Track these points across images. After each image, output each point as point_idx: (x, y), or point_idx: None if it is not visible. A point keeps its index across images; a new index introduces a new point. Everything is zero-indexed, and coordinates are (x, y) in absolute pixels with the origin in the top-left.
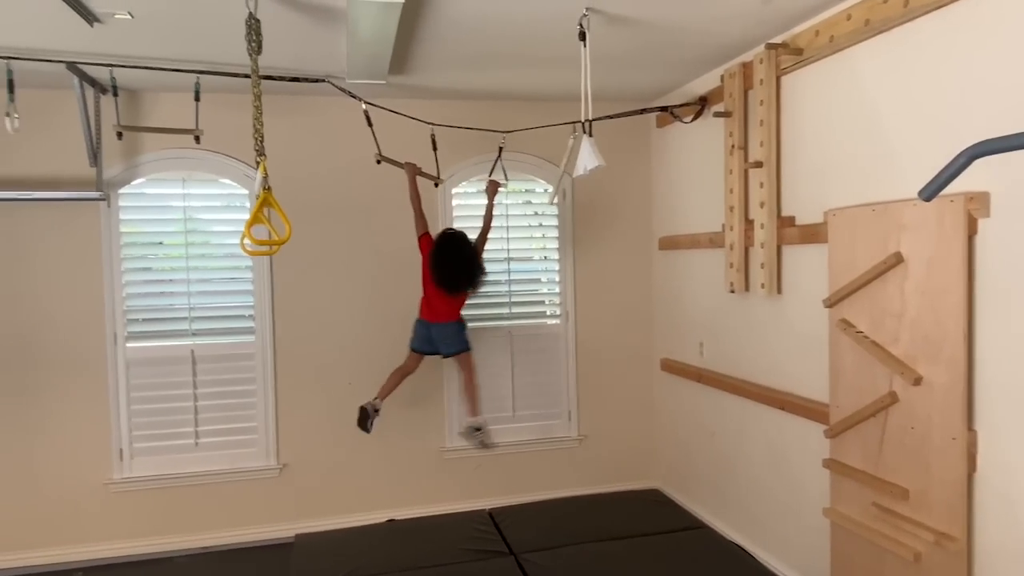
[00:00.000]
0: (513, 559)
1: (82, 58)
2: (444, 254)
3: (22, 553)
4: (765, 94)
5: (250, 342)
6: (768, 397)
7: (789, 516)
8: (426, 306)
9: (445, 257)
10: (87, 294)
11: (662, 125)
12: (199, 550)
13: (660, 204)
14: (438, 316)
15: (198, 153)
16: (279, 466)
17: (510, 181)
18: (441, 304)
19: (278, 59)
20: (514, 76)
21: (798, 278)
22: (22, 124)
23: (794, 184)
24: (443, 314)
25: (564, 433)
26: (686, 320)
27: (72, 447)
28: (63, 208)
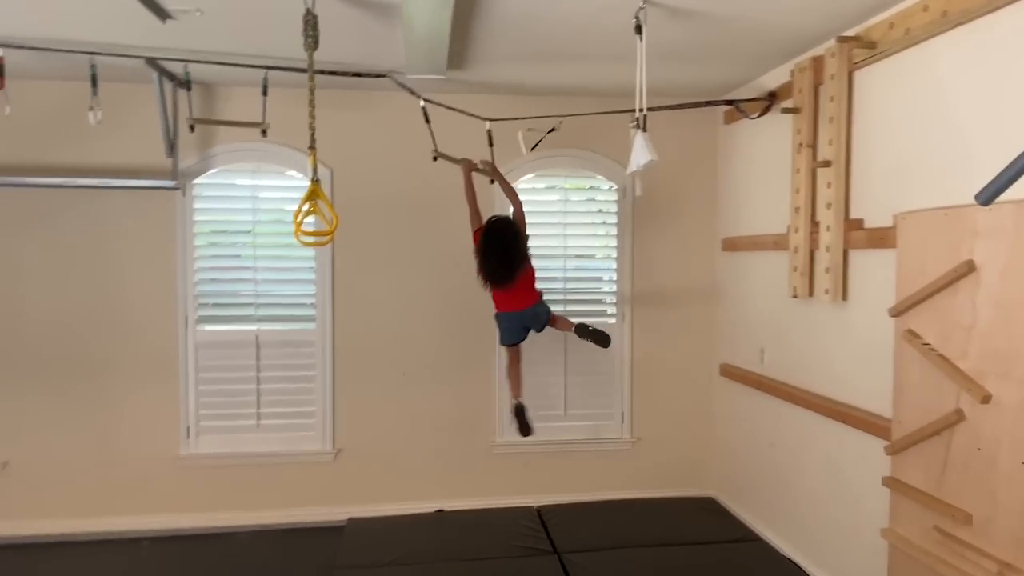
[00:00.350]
0: (556, 558)
1: (159, 54)
2: (484, 246)
3: (97, 519)
4: (836, 90)
5: (311, 330)
6: (828, 408)
7: (846, 534)
8: (500, 299)
9: (485, 250)
10: (162, 278)
11: (730, 121)
12: (258, 527)
13: (725, 204)
14: (520, 303)
15: (266, 145)
16: (334, 451)
17: (568, 178)
18: (511, 292)
19: (343, 54)
20: (573, 71)
21: (864, 284)
22: (104, 116)
23: (864, 185)
24: (521, 299)
25: (616, 434)
26: (747, 325)
27: (145, 423)
28: (141, 196)
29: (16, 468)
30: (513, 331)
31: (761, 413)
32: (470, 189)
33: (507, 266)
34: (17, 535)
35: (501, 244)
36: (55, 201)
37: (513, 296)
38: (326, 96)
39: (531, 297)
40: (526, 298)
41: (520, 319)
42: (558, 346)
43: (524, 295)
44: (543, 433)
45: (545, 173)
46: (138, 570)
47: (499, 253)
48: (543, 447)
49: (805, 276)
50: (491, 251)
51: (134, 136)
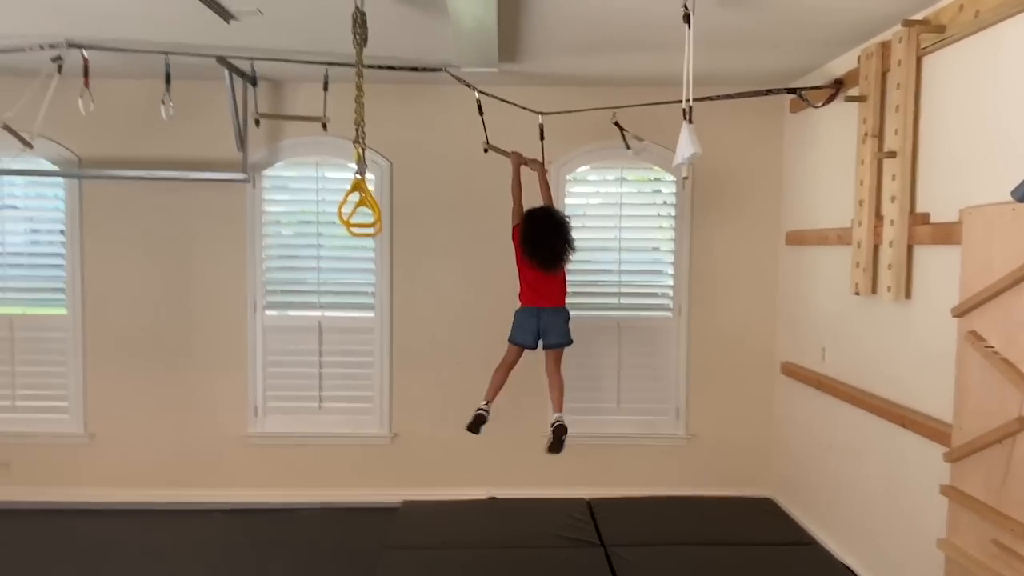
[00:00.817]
0: (602, 551)
1: (227, 52)
2: (535, 227)
3: (173, 490)
4: (903, 76)
5: (370, 317)
6: (888, 411)
7: (903, 542)
8: (530, 291)
9: (537, 230)
10: (233, 266)
11: (796, 110)
12: (317, 504)
13: (790, 196)
14: (547, 299)
15: (328, 139)
16: (391, 434)
17: (626, 169)
18: (546, 285)
19: (400, 49)
20: (626, 61)
21: (928, 282)
22: (179, 112)
23: (931, 177)
24: (551, 296)
25: (671, 430)
26: (809, 322)
27: (217, 402)
28: (214, 188)
29: (103, 440)
30: (526, 331)
31: (821, 413)
32: (517, 182)
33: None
34: (103, 501)
35: (552, 224)
36: (137, 193)
37: (547, 288)
38: (385, 90)
39: (560, 298)
40: (555, 295)
41: (539, 318)
42: (611, 338)
43: (556, 292)
44: (595, 426)
45: (600, 165)
46: (210, 539)
47: (551, 235)
48: (595, 440)
49: (868, 272)
50: (544, 231)
51: (207, 131)
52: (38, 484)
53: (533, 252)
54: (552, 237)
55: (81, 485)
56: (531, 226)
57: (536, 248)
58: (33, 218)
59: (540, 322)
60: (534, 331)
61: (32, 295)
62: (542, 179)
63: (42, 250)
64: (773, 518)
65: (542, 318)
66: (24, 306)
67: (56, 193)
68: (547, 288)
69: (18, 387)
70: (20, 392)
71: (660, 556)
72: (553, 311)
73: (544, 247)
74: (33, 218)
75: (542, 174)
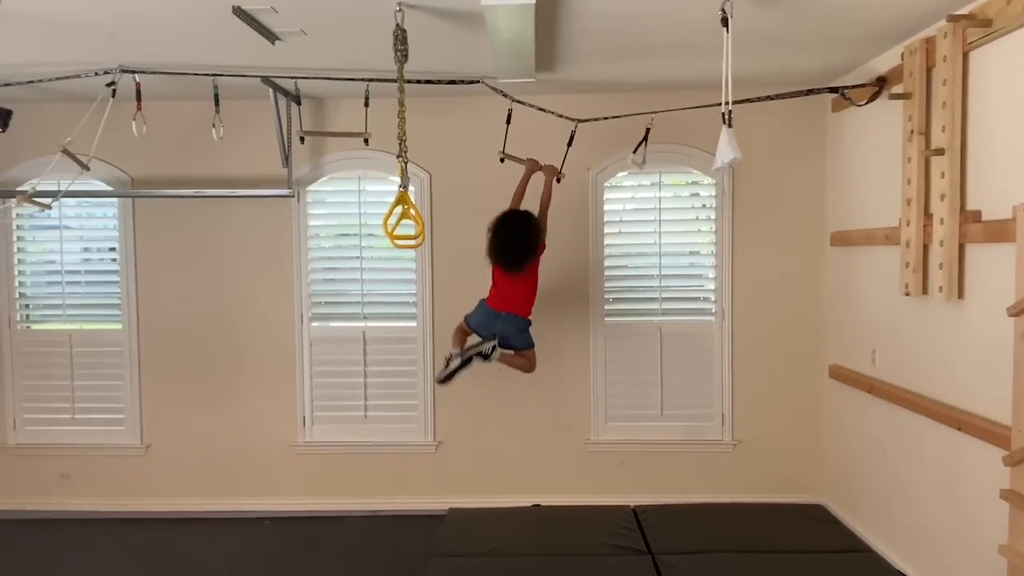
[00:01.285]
0: (651, 559)
1: (271, 72)
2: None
3: (225, 500)
4: (949, 72)
5: (412, 327)
6: (943, 415)
7: (961, 549)
8: (496, 293)
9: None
10: (280, 279)
11: (838, 109)
12: (364, 512)
13: (834, 196)
14: (509, 304)
15: (371, 153)
16: (435, 443)
17: (664, 172)
18: (511, 290)
19: (438, 63)
20: (663, 66)
21: (981, 281)
22: (226, 131)
23: (981, 174)
24: (513, 302)
25: (716, 436)
26: (858, 324)
27: (267, 412)
28: (261, 204)
29: (157, 451)
30: (484, 324)
31: (873, 418)
32: (522, 188)
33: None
34: (158, 511)
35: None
36: (188, 210)
37: (512, 293)
38: (424, 104)
39: (521, 306)
40: (516, 302)
41: (495, 321)
42: (653, 344)
43: (519, 299)
44: (639, 433)
45: (637, 171)
46: (260, 547)
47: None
48: (639, 447)
49: (918, 272)
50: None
51: (254, 149)
52: (97, 495)
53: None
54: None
55: (137, 495)
56: (497, 224)
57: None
58: (86, 237)
59: (496, 324)
60: (489, 329)
61: (89, 311)
62: (547, 184)
63: (97, 267)
64: (825, 525)
65: (497, 322)
66: (81, 322)
67: (107, 212)
68: (512, 293)
69: (77, 400)
70: (79, 405)
71: (709, 564)
72: (508, 319)
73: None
74: (86, 237)
75: (548, 180)
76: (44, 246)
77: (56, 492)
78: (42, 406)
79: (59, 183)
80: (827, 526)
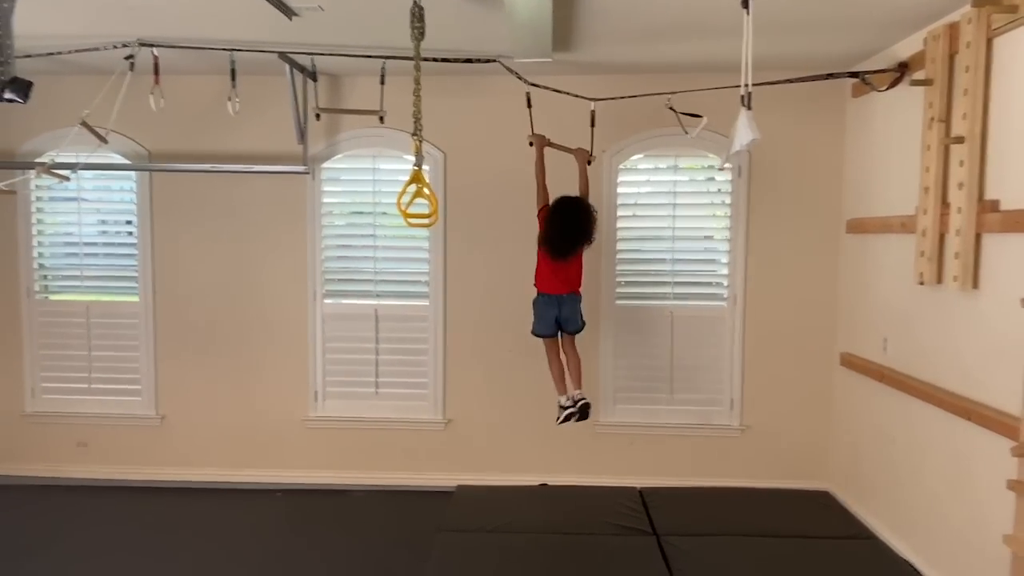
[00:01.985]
0: (655, 539)
1: (288, 48)
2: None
3: (238, 471)
4: (972, 59)
5: (424, 306)
6: (953, 404)
7: (967, 538)
8: (551, 276)
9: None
10: (294, 256)
11: (858, 95)
12: (374, 487)
13: (851, 183)
14: (568, 285)
15: (386, 132)
16: (445, 420)
17: (680, 157)
18: (565, 270)
19: (455, 42)
20: (681, 47)
21: (997, 271)
22: (243, 107)
23: (1001, 163)
24: (571, 282)
25: (725, 421)
26: (871, 313)
27: (280, 387)
28: (276, 180)
29: (172, 421)
30: (547, 322)
31: (882, 406)
32: (541, 165)
33: (576, 237)
34: (173, 480)
35: (578, 213)
36: (204, 185)
37: (566, 274)
38: (440, 82)
39: (578, 283)
40: (575, 282)
41: (561, 305)
42: (664, 328)
43: (575, 278)
44: (646, 415)
45: (653, 153)
46: (272, 518)
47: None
48: (647, 430)
49: (933, 261)
50: (567, 217)
51: (270, 125)
52: (113, 463)
53: (551, 241)
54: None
55: (152, 465)
56: (557, 211)
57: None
58: (104, 209)
59: (560, 312)
60: (554, 320)
61: (106, 283)
62: (582, 170)
63: (115, 240)
64: (830, 511)
65: (562, 308)
66: (99, 294)
67: (124, 186)
68: (567, 274)
69: (94, 371)
70: (96, 375)
71: (714, 546)
72: (572, 299)
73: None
74: (104, 209)
75: (582, 165)
76: (62, 218)
77: (73, 459)
78: (60, 375)
79: (77, 155)
80: (832, 512)
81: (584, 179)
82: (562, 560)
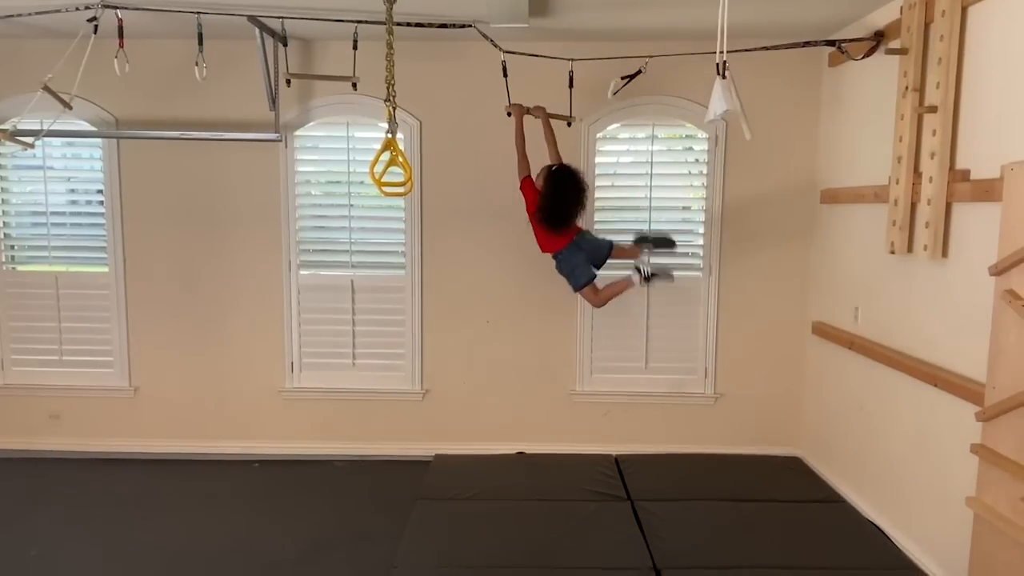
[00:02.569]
0: (629, 504)
1: (258, 11)
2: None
3: (214, 442)
4: (947, 28)
5: (401, 276)
6: (920, 371)
7: (932, 501)
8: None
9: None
10: (268, 225)
11: (835, 64)
12: (352, 456)
13: (826, 153)
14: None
15: (359, 98)
16: (422, 391)
17: (657, 126)
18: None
19: (430, 5)
20: (659, 14)
21: (966, 240)
22: (213, 73)
23: (972, 133)
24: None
25: (699, 389)
26: (843, 282)
27: (255, 358)
28: (248, 147)
29: (146, 394)
30: (582, 267)
31: (852, 374)
32: (520, 134)
33: (574, 212)
34: (146, 451)
35: (576, 189)
36: (174, 153)
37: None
38: (414, 48)
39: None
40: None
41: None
42: (640, 299)
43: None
44: (622, 384)
45: (631, 122)
46: (250, 488)
47: (574, 198)
48: (623, 399)
49: (904, 231)
50: (568, 195)
51: (240, 91)
52: (86, 435)
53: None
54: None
55: (126, 436)
56: (558, 188)
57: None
58: (72, 178)
59: (584, 252)
60: (587, 263)
61: (75, 254)
62: (544, 121)
63: (83, 210)
64: (801, 476)
65: (583, 247)
66: (67, 264)
67: (93, 154)
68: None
69: (65, 343)
70: (67, 347)
71: (686, 511)
72: (581, 236)
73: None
74: (72, 178)
75: (545, 120)
76: (29, 187)
77: (46, 432)
78: (30, 347)
79: (41, 122)
80: (802, 477)
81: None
82: (538, 526)
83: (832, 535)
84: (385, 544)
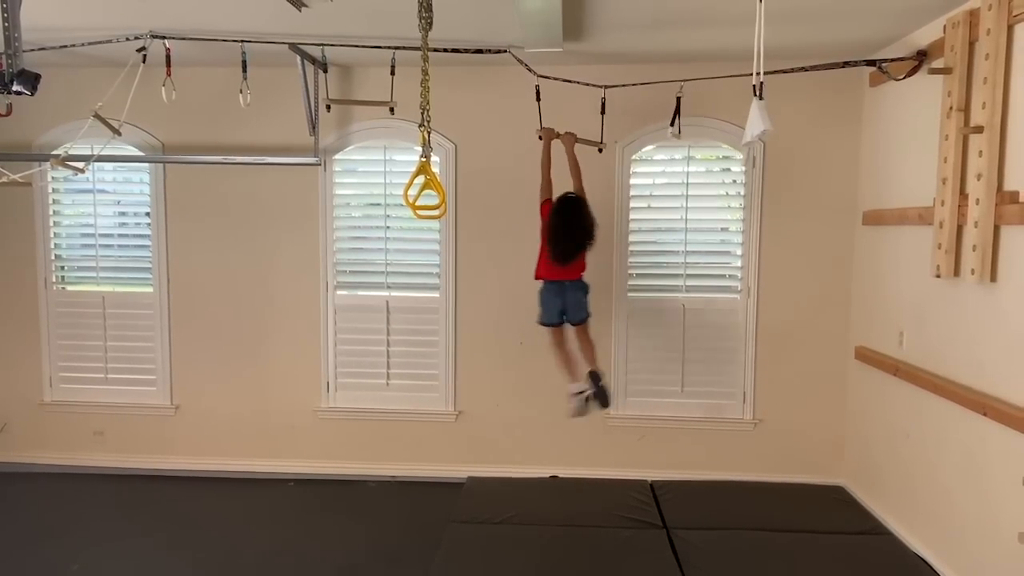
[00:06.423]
0: (664, 533)
1: (299, 39)
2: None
3: (251, 460)
4: (992, 46)
5: (435, 298)
6: (969, 400)
7: (982, 535)
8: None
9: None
10: (306, 247)
11: (875, 84)
12: (386, 478)
13: (868, 173)
14: (571, 272)
15: (397, 123)
16: (456, 412)
17: (694, 148)
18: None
19: (465, 32)
20: (694, 36)
21: (1016, 264)
22: (255, 99)
23: (1021, 154)
24: (574, 269)
25: (737, 415)
26: (887, 306)
27: (291, 377)
28: (288, 171)
29: (187, 412)
30: (552, 309)
31: (898, 401)
32: (547, 157)
33: (580, 246)
34: (187, 469)
35: (581, 223)
36: (217, 177)
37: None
38: (450, 73)
39: (581, 271)
40: (578, 269)
41: (563, 296)
42: (676, 320)
43: (579, 265)
44: (657, 408)
45: (666, 144)
46: (285, 506)
47: (577, 232)
48: (658, 423)
49: (950, 254)
50: (571, 228)
51: (281, 117)
52: (129, 452)
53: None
54: (575, 235)
55: (167, 454)
56: (560, 220)
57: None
58: (121, 201)
59: (564, 300)
60: (559, 309)
61: (122, 274)
62: (570, 152)
63: (130, 232)
64: (844, 506)
65: (566, 296)
66: (114, 284)
67: (141, 177)
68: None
69: (110, 360)
70: (112, 365)
71: (724, 540)
72: (575, 286)
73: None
74: (121, 201)
75: (570, 149)
76: (79, 209)
77: (89, 448)
78: (76, 365)
79: (92, 147)
80: (846, 507)
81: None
82: (571, 552)
83: (877, 568)
84: (417, 567)
